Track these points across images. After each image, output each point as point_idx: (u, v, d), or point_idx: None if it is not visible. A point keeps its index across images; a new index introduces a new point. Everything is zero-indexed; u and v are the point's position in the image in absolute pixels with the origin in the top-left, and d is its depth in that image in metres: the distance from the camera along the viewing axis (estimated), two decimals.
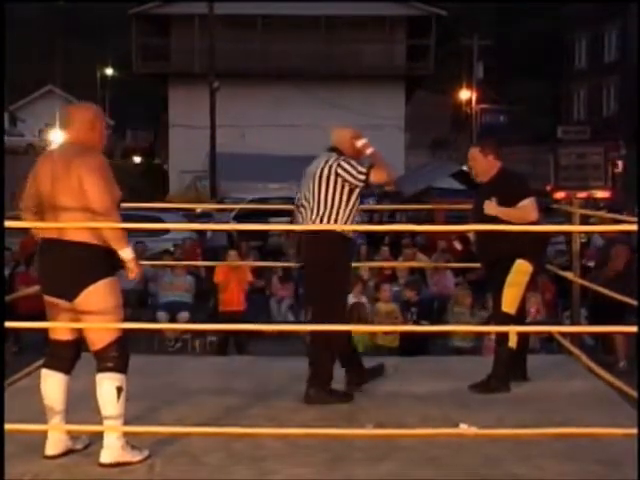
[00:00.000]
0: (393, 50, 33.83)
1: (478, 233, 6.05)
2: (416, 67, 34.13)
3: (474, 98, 41.22)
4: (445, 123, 48.14)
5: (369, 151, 5.65)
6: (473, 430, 4.57)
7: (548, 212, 7.89)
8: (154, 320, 11.41)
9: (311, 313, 5.87)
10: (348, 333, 5.88)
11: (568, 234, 8.46)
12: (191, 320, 11.57)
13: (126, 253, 4.37)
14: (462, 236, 9.52)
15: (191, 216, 18.28)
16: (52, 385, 4.49)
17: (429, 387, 5.89)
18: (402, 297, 11.41)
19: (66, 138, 4.52)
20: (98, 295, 4.33)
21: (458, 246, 6.54)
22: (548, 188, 30.42)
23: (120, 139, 52.02)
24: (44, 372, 4.53)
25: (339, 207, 5.57)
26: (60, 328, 4.49)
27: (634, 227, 4.32)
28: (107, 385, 4.38)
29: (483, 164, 6.08)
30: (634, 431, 3.93)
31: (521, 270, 5.89)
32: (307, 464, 4.44)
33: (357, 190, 5.58)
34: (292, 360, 6.78)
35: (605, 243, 11.55)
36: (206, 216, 18.01)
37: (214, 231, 16.16)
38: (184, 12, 32.35)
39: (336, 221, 5.57)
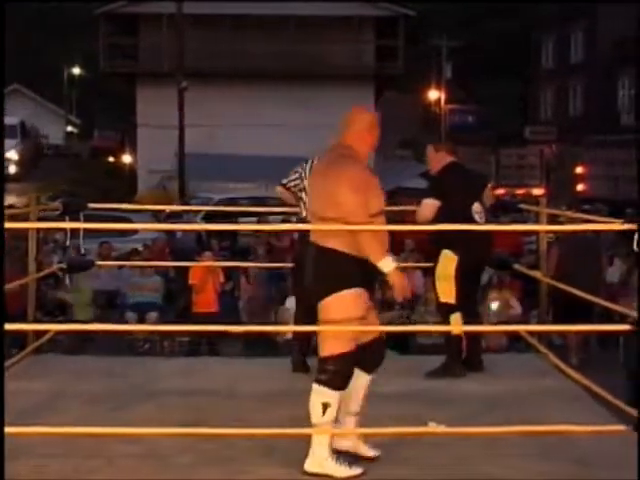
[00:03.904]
0: (362, 50, 33.88)
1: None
2: (385, 67, 34.21)
3: (443, 98, 41.40)
4: (415, 123, 48.27)
5: None
6: (442, 428, 4.59)
7: (517, 211, 7.94)
8: (123, 320, 11.35)
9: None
10: None
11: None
12: (160, 320, 11.51)
13: (385, 265, 4.21)
14: None
15: (160, 216, 18.16)
16: (355, 383, 4.39)
17: (400, 386, 5.90)
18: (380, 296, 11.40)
19: (339, 140, 4.45)
20: (339, 304, 4.24)
21: None
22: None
23: (87, 139, 51.65)
24: (355, 372, 4.40)
25: None
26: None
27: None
28: (314, 398, 4.29)
29: (433, 159, 6.48)
30: (603, 428, 3.97)
31: (444, 261, 6.24)
32: (278, 464, 4.43)
33: None
34: (262, 361, 6.78)
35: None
36: (175, 216, 17.91)
37: (184, 231, 16.08)
38: (152, 11, 32.16)
39: None
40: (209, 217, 17.87)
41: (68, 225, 4.88)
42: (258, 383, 5.99)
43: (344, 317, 4.24)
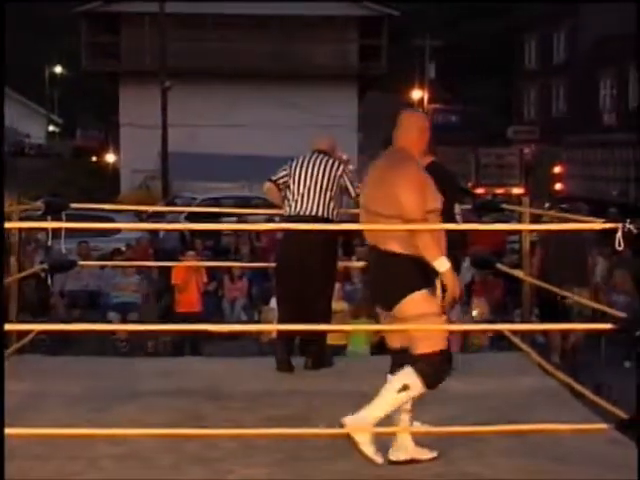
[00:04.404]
0: (346, 50, 33.89)
1: None
2: (369, 67, 34.23)
3: (426, 98, 41.48)
4: None
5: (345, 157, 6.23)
6: (425, 428, 4.59)
7: (499, 210, 7.96)
8: (105, 321, 11.30)
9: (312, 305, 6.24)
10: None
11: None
12: (141, 320, 11.46)
13: (440, 264, 4.25)
14: None
15: (142, 216, 18.10)
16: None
17: (382, 386, 5.89)
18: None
19: (395, 143, 4.54)
20: (413, 303, 4.27)
21: None
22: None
23: (69, 138, 51.44)
24: (388, 378, 4.43)
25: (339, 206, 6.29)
26: (391, 338, 4.49)
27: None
28: (400, 376, 4.30)
29: None
30: (586, 427, 3.98)
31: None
32: (261, 464, 4.42)
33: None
34: (246, 360, 6.77)
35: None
36: (158, 216, 17.86)
37: (168, 231, 16.04)
38: (134, 10, 32.07)
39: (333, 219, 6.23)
40: (192, 217, 17.83)
41: (50, 225, 4.84)
42: (242, 383, 5.98)
43: (424, 313, 4.28)
